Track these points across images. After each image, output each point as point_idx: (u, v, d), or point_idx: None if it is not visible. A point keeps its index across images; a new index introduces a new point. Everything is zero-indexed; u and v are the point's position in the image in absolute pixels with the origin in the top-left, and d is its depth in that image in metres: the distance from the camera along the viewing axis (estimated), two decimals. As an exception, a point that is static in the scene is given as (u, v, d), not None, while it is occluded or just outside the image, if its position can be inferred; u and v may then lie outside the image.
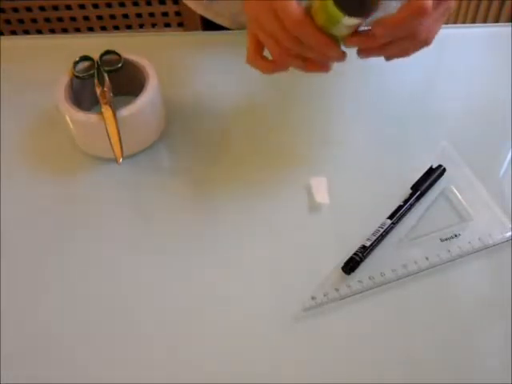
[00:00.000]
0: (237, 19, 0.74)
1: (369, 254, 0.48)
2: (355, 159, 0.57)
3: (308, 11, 0.44)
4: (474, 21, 1.54)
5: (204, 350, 0.44)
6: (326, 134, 0.60)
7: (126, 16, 1.83)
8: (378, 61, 0.47)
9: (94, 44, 0.65)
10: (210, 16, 0.77)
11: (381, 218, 0.50)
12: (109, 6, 1.79)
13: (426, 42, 0.46)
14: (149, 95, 0.55)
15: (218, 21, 0.77)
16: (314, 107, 0.62)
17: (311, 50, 0.45)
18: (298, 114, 0.61)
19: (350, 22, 0.43)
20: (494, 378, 0.43)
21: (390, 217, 0.50)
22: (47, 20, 1.82)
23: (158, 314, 0.46)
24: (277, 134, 0.59)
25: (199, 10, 0.78)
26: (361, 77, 0.64)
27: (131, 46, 0.62)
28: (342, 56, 0.46)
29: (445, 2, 0.44)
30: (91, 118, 0.54)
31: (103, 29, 1.86)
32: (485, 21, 1.49)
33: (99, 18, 1.82)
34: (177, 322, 0.46)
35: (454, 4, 0.46)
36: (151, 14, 1.83)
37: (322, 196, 0.53)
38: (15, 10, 1.78)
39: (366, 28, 0.44)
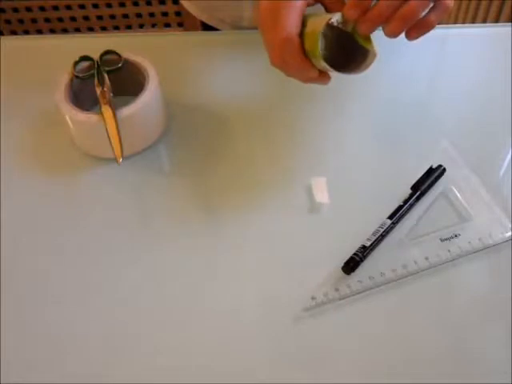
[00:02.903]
0: (238, 25, 0.74)
1: (369, 253, 0.48)
2: (355, 159, 0.57)
3: (304, 23, 0.45)
4: (473, 21, 1.53)
5: (204, 350, 0.44)
6: (326, 134, 0.60)
7: (126, 16, 1.83)
8: (378, 61, 0.47)
9: (94, 44, 0.65)
10: (211, 23, 0.77)
11: (381, 218, 0.50)
12: (109, 6, 1.79)
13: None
14: (149, 95, 0.55)
15: (220, 27, 0.77)
16: (314, 107, 0.62)
17: (290, 68, 0.46)
18: (298, 113, 0.61)
19: (327, 67, 0.44)
20: (494, 378, 0.43)
21: (390, 217, 0.50)
22: (47, 20, 1.82)
23: (158, 315, 0.46)
24: (277, 134, 0.59)
25: (201, 16, 0.78)
26: (361, 77, 0.64)
27: (131, 45, 0.62)
28: (320, 79, 0.46)
29: None
30: (91, 118, 0.54)
31: (103, 29, 1.86)
32: (485, 21, 1.49)
33: (99, 18, 1.82)
34: (177, 321, 0.46)
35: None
36: (151, 14, 1.83)
37: (321, 196, 0.53)
38: (15, 9, 1.78)
39: None
